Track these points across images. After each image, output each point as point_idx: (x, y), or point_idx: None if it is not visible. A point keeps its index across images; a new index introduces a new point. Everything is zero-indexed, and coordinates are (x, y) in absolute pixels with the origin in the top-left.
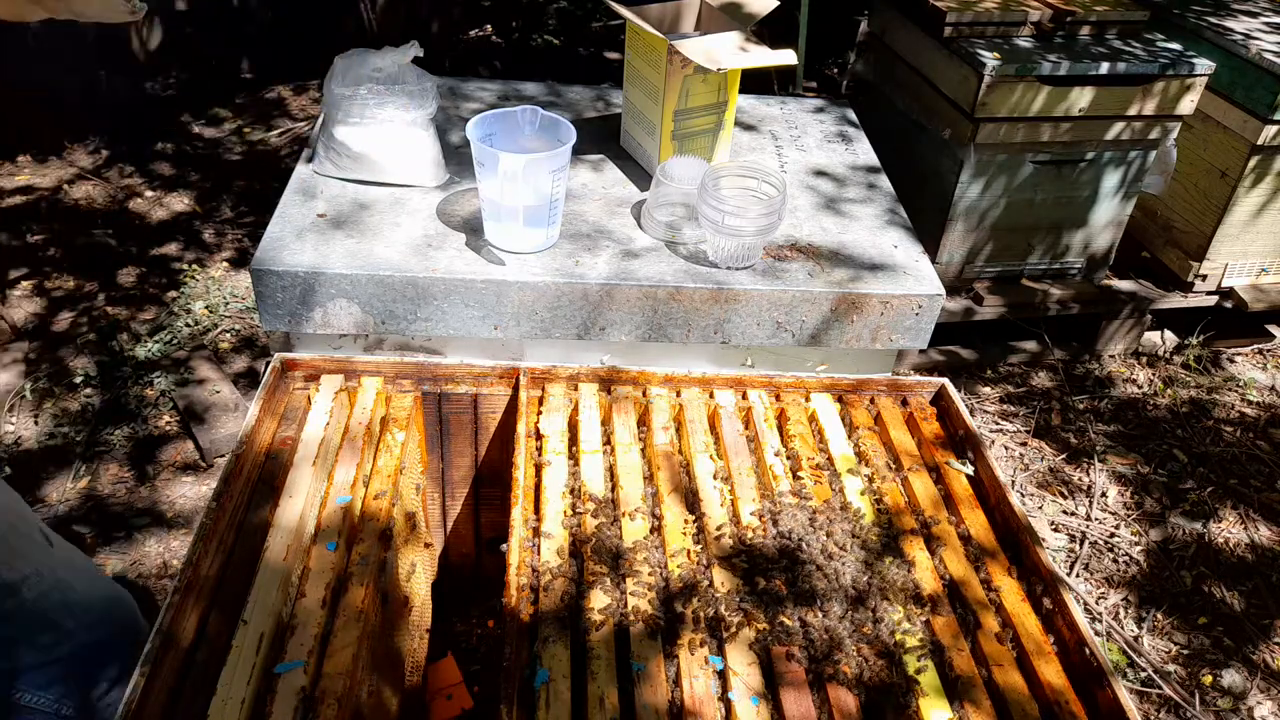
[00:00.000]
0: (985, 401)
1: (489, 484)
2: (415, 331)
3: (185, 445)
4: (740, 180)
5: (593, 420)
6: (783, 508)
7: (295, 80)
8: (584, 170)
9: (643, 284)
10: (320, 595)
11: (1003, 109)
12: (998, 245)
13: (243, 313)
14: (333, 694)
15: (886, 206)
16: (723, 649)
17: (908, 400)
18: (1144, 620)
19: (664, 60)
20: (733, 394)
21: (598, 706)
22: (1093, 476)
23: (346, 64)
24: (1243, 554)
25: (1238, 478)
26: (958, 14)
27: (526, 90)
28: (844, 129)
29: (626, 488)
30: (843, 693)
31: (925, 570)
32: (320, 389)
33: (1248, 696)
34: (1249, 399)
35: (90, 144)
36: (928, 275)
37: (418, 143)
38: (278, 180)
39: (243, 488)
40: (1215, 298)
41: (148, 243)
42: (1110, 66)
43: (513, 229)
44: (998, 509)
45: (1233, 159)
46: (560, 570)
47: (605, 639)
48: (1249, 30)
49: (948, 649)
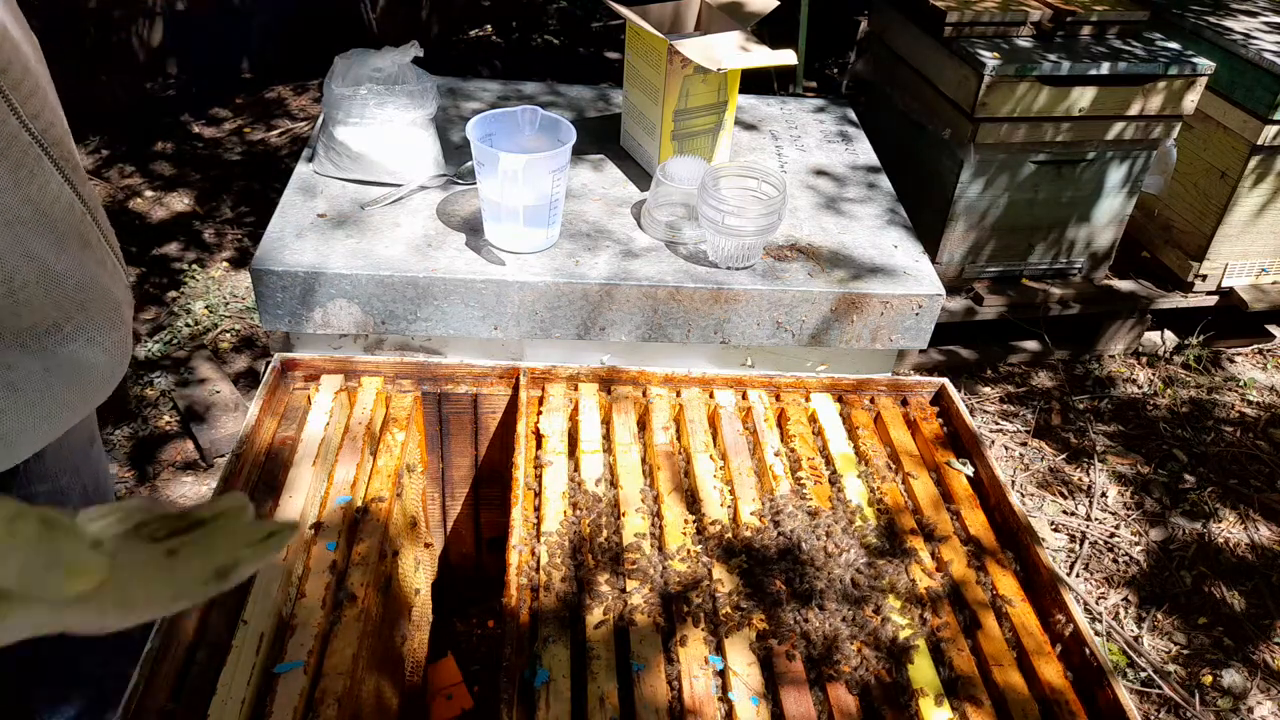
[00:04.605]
0: (985, 401)
1: (489, 484)
2: (415, 331)
3: (185, 445)
4: (740, 180)
5: (593, 420)
6: (783, 507)
7: (295, 80)
8: (584, 170)
9: (643, 284)
10: (320, 595)
11: (1003, 109)
12: (998, 245)
13: (243, 313)
14: (333, 694)
15: (886, 206)
16: (723, 649)
17: (908, 400)
18: (1144, 620)
19: (664, 60)
20: (733, 394)
21: (598, 706)
22: (1093, 476)
23: (346, 64)
24: (1243, 554)
25: (1238, 478)
26: (958, 14)
27: (526, 90)
28: (844, 129)
29: (626, 488)
30: (843, 693)
31: (925, 570)
32: (320, 389)
33: (1248, 696)
34: (1249, 399)
35: (90, 144)
36: (928, 275)
37: (418, 143)
38: (278, 180)
39: (243, 487)
40: (1215, 298)
41: (148, 243)
42: (1110, 66)
43: (513, 229)
44: (998, 509)
45: (1233, 159)
46: (560, 570)
47: (605, 639)
48: (1249, 30)
49: (948, 649)
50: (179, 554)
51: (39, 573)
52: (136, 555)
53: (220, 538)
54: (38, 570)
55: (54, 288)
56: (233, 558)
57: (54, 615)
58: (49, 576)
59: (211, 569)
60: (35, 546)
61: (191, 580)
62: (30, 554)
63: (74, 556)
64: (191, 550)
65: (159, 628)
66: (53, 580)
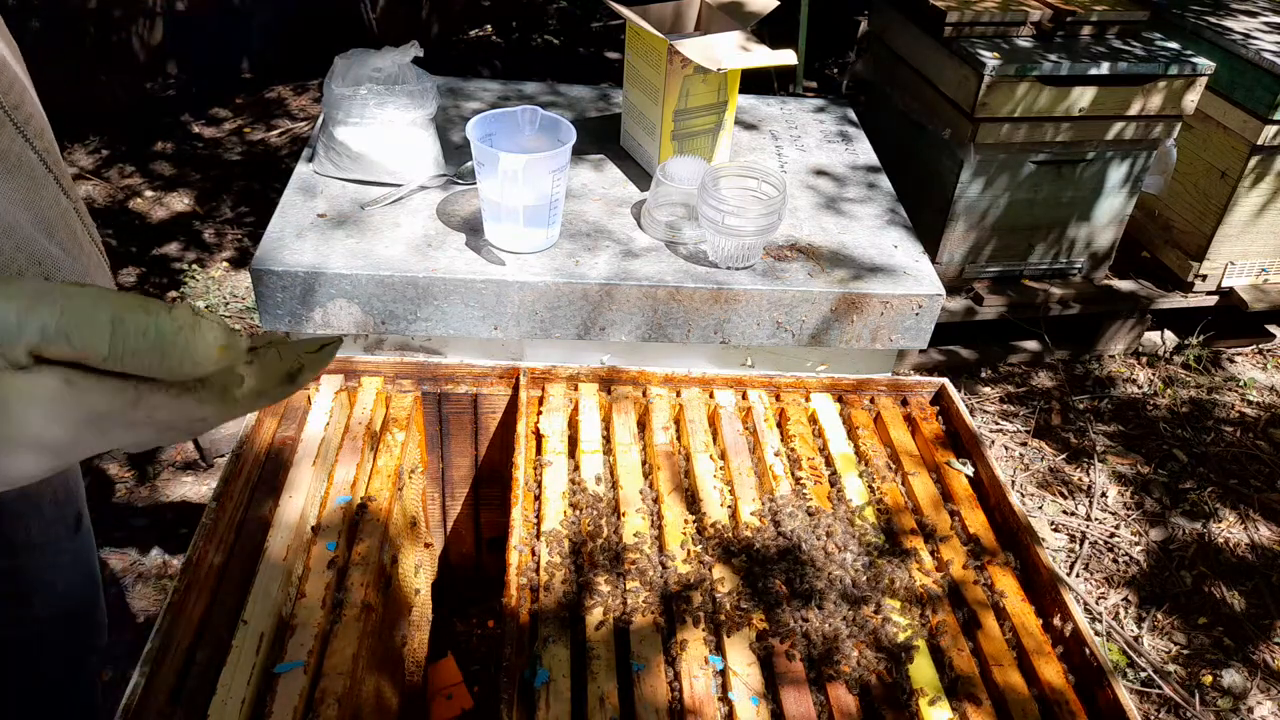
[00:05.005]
0: (985, 401)
1: (489, 484)
2: (415, 331)
3: (185, 445)
4: (740, 180)
5: (593, 420)
6: (783, 507)
7: (295, 80)
8: (584, 170)
9: (643, 284)
10: (320, 595)
11: (1003, 109)
12: (998, 245)
13: (243, 313)
14: (333, 694)
15: (886, 206)
16: (723, 649)
17: (908, 400)
18: (1144, 620)
19: (664, 60)
20: (733, 394)
21: (598, 706)
22: (1093, 476)
23: (346, 64)
24: (1243, 554)
25: (1238, 478)
26: (958, 14)
27: (526, 90)
28: (844, 129)
29: (626, 487)
30: (843, 693)
31: (925, 570)
32: (320, 389)
33: (1248, 696)
34: (1249, 399)
35: (90, 144)
36: (928, 275)
37: (418, 143)
38: (278, 180)
39: (243, 487)
40: (1215, 298)
41: (148, 243)
42: (1110, 66)
43: (513, 229)
44: (998, 509)
45: (1233, 159)
46: (560, 570)
47: (605, 639)
48: (1249, 30)
49: (947, 649)
50: (255, 363)
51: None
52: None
53: (286, 349)
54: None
55: (41, 279)
56: (298, 364)
57: (229, 403)
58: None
59: (284, 372)
60: (197, 325)
61: (270, 379)
62: (209, 329)
63: (224, 333)
64: (267, 358)
65: (159, 628)
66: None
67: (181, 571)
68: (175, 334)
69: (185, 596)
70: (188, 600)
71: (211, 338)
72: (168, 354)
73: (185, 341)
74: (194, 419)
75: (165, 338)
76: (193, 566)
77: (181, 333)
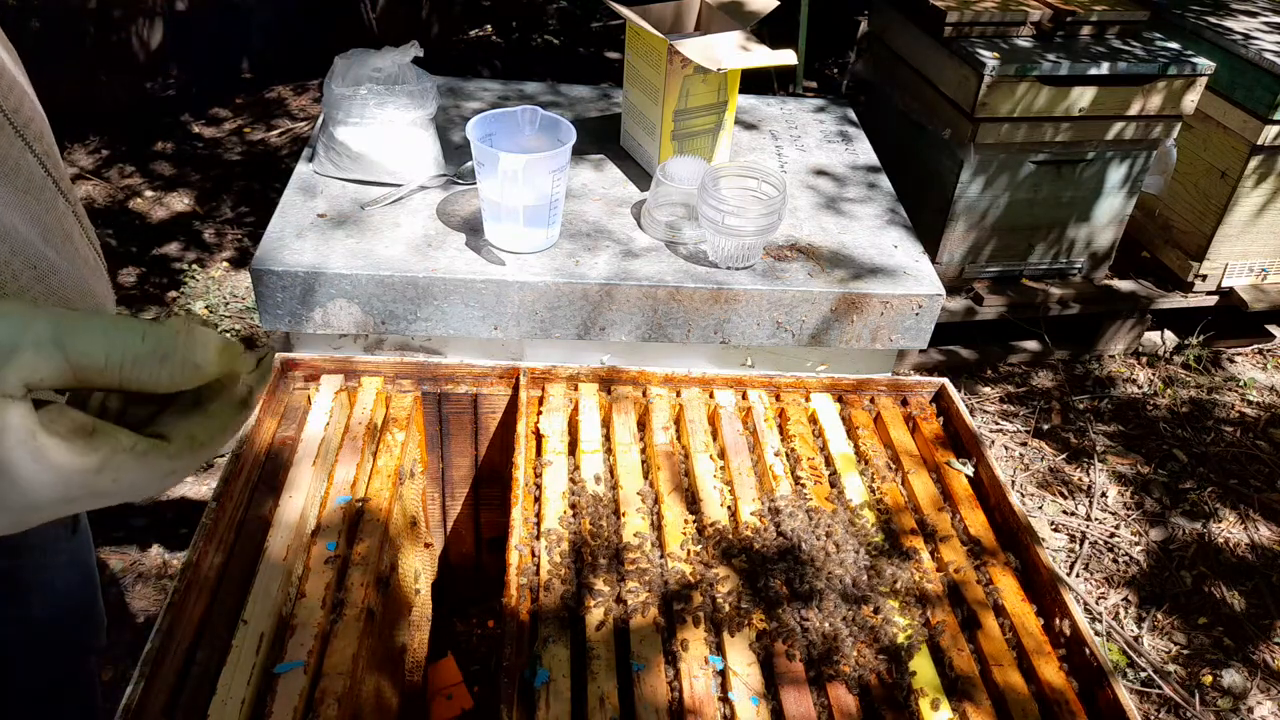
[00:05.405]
0: (985, 401)
1: (489, 484)
2: (415, 331)
3: None
4: (740, 180)
5: (593, 420)
6: (783, 507)
7: (295, 80)
8: (584, 170)
9: (643, 284)
10: (320, 595)
11: (1003, 109)
12: (998, 245)
13: (243, 312)
14: (333, 694)
15: (886, 206)
16: (723, 649)
17: (908, 400)
18: (1144, 620)
19: (664, 60)
20: (733, 394)
21: (598, 706)
22: (1093, 476)
23: (346, 64)
24: (1243, 554)
25: (1238, 478)
26: (958, 14)
27: (527, 90)
28: (844, 129)
29: (626, 487)
30: (843, 693)
31: (925, 570)
32: (320, 389)
33: (1248, 696)
34: (1249, 399)
35: (90, 144)
36: (928, 275)
37: (418, 143)
38: (278, 180)
39: (243, 487)
40: (1215, 298)
41: (148, 243)
42: (1110, 66)
43: (513, 229)
44: (998, 509)
45: (1233, 159)
46: (560, 570)
47: (605, 639)
48: (1249, 30)
49: (947, 649)
50: (203, 405)
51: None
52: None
53: (228, 382)
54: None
55: (37, 284)
56: (247, 388)
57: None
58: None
59: (237, 402)
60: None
61: (227, 414)
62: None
63: (219, 335)
64: (214, 397)
65: (159, 627)
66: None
67: (181, 571)
68: (173, 337)
69: (185, 596)
70: (188, 600)
71: (209, 338)
72: (169, 357)
73: (185, 344)
74: (165, 474)
75: (164, 341)
76: (193, 566)
77: (179, 336)
